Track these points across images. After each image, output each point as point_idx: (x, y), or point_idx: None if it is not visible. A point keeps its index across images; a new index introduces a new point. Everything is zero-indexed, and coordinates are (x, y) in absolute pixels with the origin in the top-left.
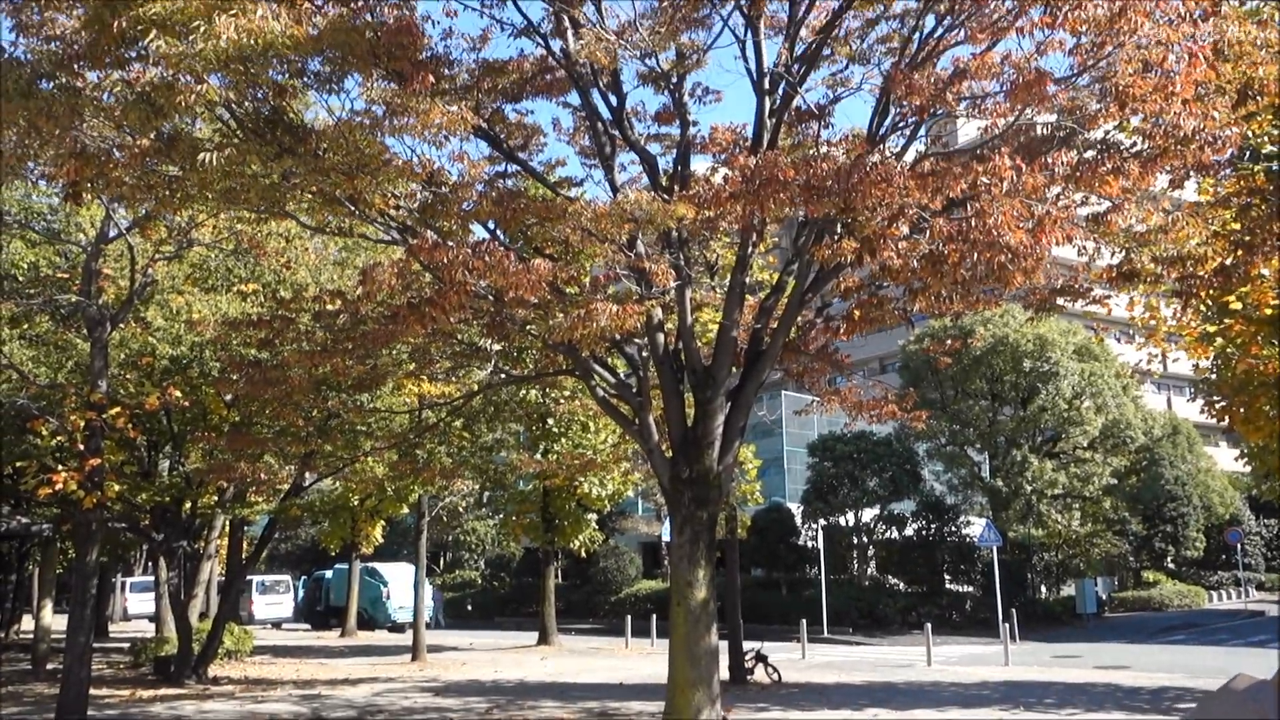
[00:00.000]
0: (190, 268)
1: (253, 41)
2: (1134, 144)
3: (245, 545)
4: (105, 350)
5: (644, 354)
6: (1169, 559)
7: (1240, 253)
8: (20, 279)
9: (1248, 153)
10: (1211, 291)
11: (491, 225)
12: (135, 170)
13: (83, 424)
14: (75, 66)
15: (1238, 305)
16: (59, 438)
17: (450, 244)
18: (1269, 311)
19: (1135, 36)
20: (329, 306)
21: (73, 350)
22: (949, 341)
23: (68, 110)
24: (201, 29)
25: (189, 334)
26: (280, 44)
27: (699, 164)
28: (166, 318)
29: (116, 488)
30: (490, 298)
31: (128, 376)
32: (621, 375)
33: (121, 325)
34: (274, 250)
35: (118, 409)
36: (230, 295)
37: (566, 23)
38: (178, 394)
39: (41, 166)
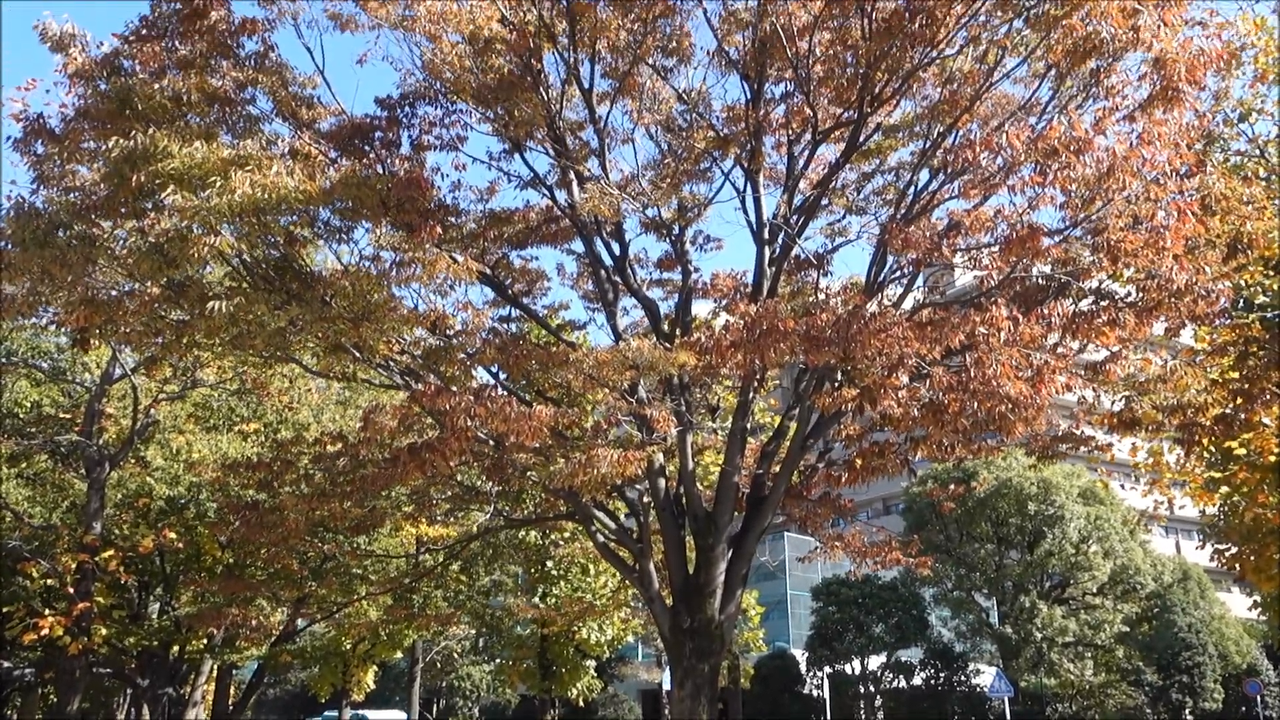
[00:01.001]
0: (193, 407)
1: (267, 196)
2: (1129, 293)
3: (232, 691)
4: (102, 491)
5: (645, 499)
6: (1187, 711)
7: (1240, 401)
8: (22, 417)
9: (1241, 301)
10: (1214, 438)
11: (494, 368)
12: (144, 317)
13: (74, 566)
14: (92, 216)
15: (1241, 451)
16: (49, 580)
17: (453, 389)
18: (1273, 458)
19: (1124, 193)
20: (329, 449)
21: (70, 490)
22: (952, 486)
23: (81, 258)
24: (218, 184)
25: (187, 474)
26: (293, 198)
27: (700, 307)
28: (166, 457)
29: (104, 632)
30: (491, 442)
31: (123, 517)
32: (621, 519)
33: (120, 465)
34: (277, 390)
35: (111, 551)
36: (231, 435)
37: (572, 175)
38: (172, 535)
39: (52, 312)
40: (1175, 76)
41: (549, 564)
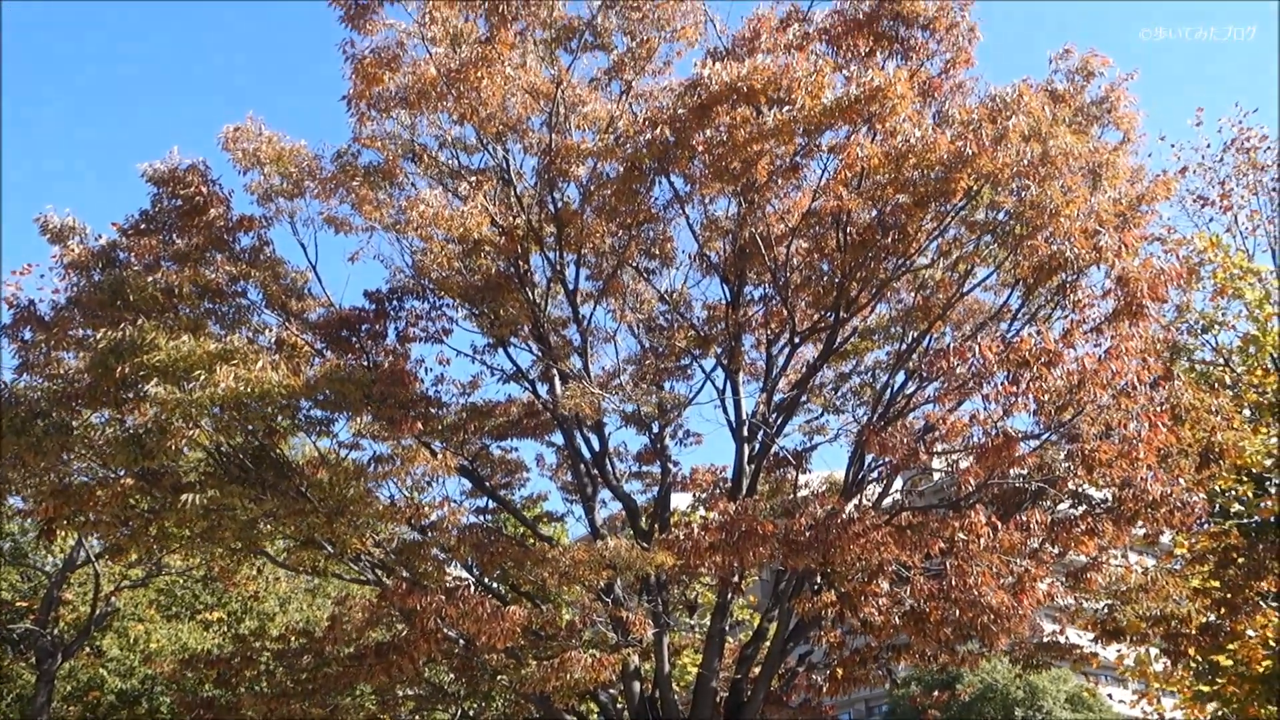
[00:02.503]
0: (155, 593)
1: (249, 389)
2: (1105, 498)
3: None
4: (51, 684)
5: (619, 704)
6: None
7: (1224, 611)
8: None
9: (1217, 507)
10: (1200, 648)
11: (469, 560)
12: (115, 507)
13: None
14: (74, 405)
15: (1229, 663)
16: None
17: (425, 585)
18: (1261, 669)
19: (1096, 403)
20: (293, 643)
21: (17, 681)
22: (935, 692)
23: (57, 447)
24: (202, 377)
25: (143, 666)
26: (276, 392)
27: (680, 499)
28: (123, 647)
29: None
30: (461, 642)
31: (69, 710)
32: None
33: (74, 655)
34: (243, 579)
35: None
36: (193, 624)
37: (554, 372)
38: None
39: (20, 500)
40: (1139, 294)
41: None
